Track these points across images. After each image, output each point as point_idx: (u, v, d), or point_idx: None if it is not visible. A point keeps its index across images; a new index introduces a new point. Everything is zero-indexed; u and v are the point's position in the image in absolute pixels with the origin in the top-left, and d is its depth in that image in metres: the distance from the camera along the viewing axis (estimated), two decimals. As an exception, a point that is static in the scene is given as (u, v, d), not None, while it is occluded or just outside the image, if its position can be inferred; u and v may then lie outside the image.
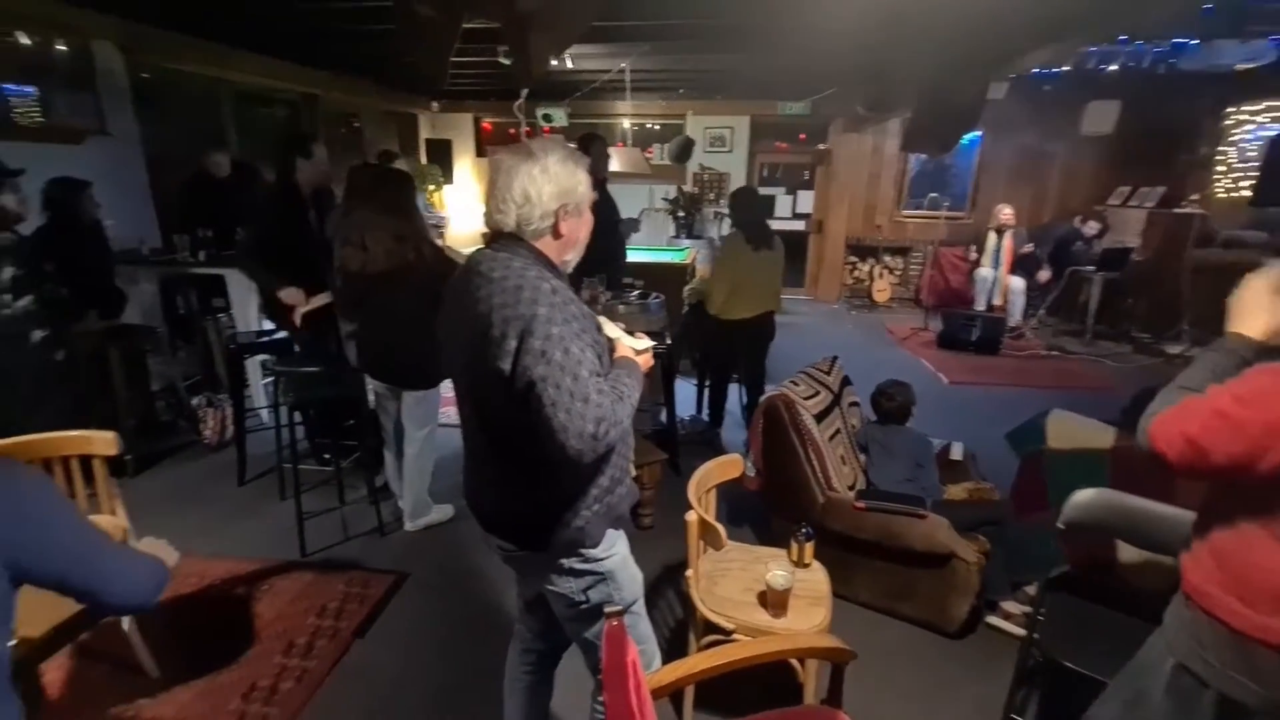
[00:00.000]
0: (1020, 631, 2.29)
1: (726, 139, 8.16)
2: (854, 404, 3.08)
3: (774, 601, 1.83)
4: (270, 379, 3.70)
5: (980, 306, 6.80)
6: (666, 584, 2.63)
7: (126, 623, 2.07)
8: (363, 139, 7.30)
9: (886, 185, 8.10)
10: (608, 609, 1.23)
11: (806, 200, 8.41)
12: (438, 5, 3.24)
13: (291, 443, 2.88)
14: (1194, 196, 6.66)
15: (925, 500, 2.42)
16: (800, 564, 2.04)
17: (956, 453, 3.05)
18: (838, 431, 2.78)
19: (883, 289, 8.14)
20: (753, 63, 5.30)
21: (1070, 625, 1.74)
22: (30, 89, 3.96)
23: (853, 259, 8.40)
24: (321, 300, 3.05)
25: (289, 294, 3.12)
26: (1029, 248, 6.75)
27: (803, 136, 8.34)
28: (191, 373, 4.32)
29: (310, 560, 2.78)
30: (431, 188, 7.90)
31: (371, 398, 3.04)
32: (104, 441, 2.01)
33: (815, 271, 8.56)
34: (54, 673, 2.09)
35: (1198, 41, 4.95)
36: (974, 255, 7.14)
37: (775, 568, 1.86)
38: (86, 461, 2.06)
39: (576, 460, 1.17)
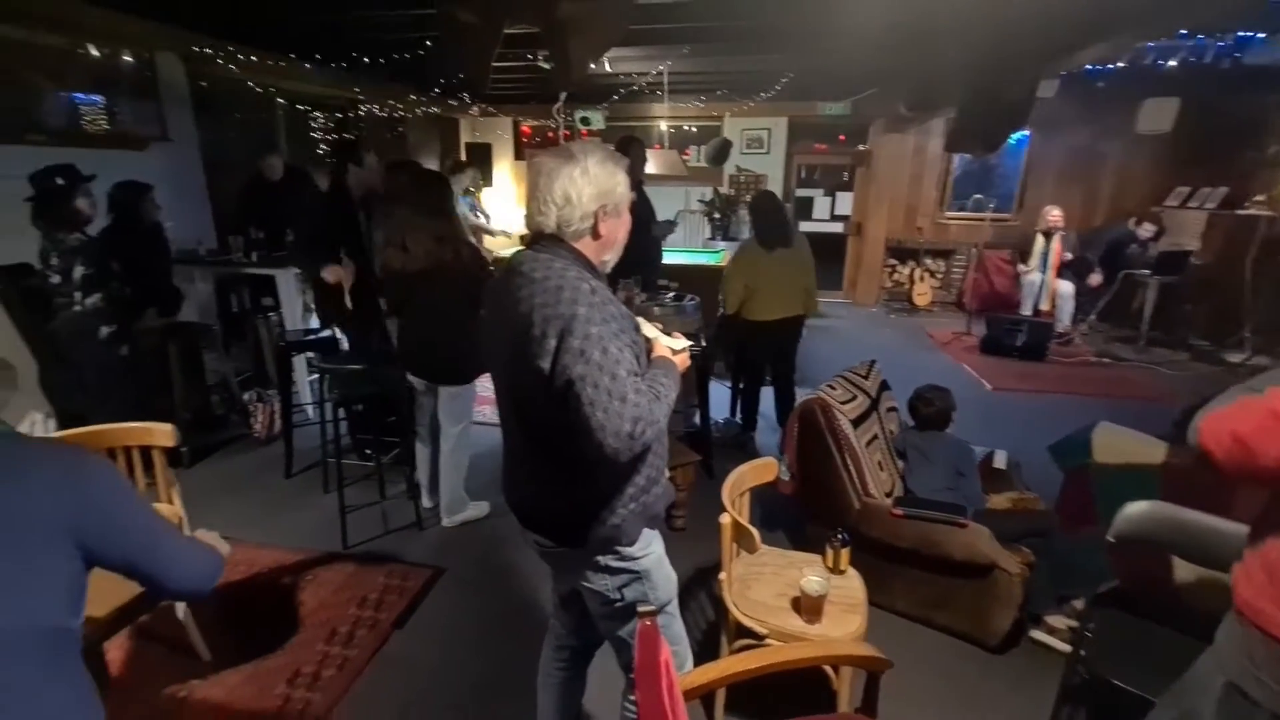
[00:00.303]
0: (1065, 647, 2.21)
1: (764, 140, 8.10)
2: (892, 409, 3.02)
3: (808, 607, 1.81)
4: (316, 376, 3.83)
5: (1026, 311, 6.59)
6: (699, 586, 2.63)
7: (181, 608, 2.16)
8: (407, 144, 7.49)
9: (929, 186, 7.92)
10: (641, 608, 1.23)
11: (845, 202, 8.28)
12: (479, 12, 3.32)
13: (335, 438, 2.98)
14: (1259, 197, 6.32)
15: (966, 509, 2.36)
16: (835, 570, 2.02)
17: (999, 461, 2.97)
18: (875, 437, 2.73)
19: (923, 292, 7.96)
20: (792, 63, 5.25)
21: (1118, 642, 1.67)
22: (98, 98, 4.18)
23: (892, 262, 8.24)
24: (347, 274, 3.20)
25: (331, 271, 3.28)
26: (1070, 255, 6.51)
27: (842, 138, 8.22)
28: (243, 369, 4.49)
29: (352, 552, 2.86)
30: (471, 188, 8.03)
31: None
32: (163, 433, 2.11)
33: (853, 274, 8.43)
34: (114, 652, 2.20)
35: (1264, 35, 4.70)
36: (1020, 259, 6.93)
37: (810, 573, 1.84)
38: (146, 452, 2.16)
39: (613, 459, 1.19)
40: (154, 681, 2.09)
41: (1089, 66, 5.68)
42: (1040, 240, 6.57)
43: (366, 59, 5.02)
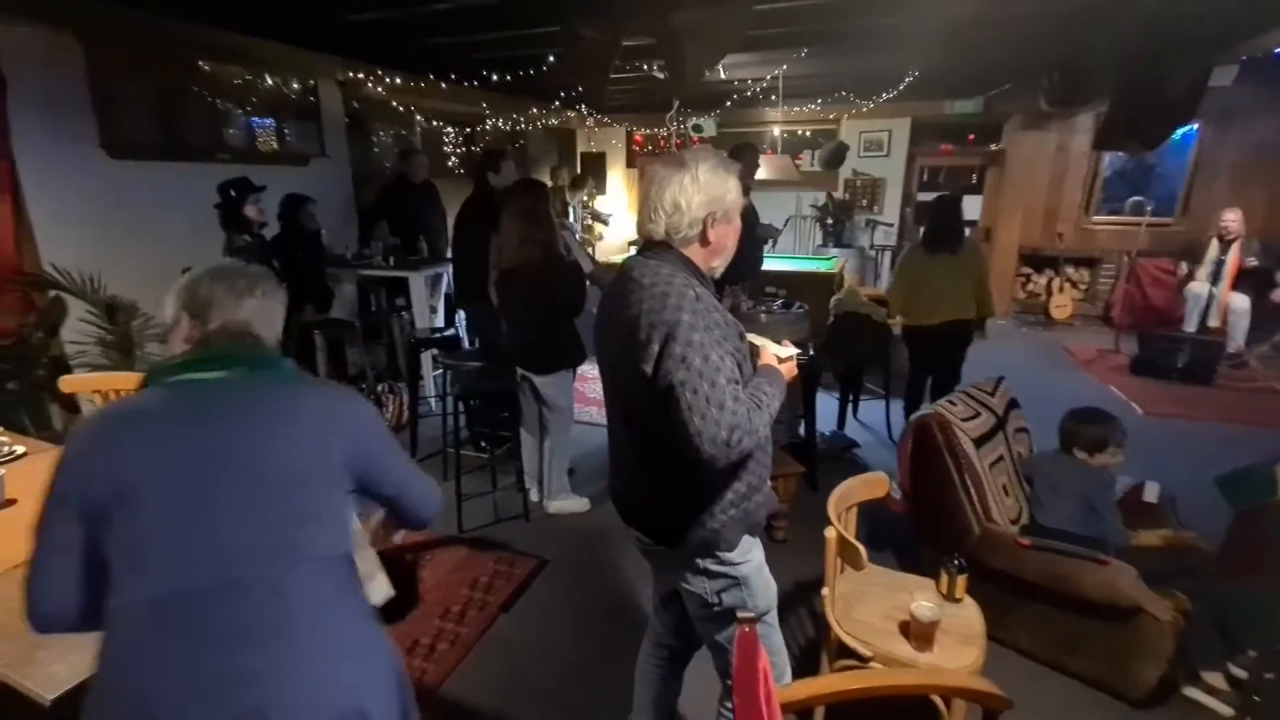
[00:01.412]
0: (1227, 710, 1.94)
1: (884, 143, 7.73)
2: (1021, 430, 2.79)
3: (918, 633, 1.72)
4: (440, 371, 4.13)
5: (1190, 328, 5.81)
6: (798, 601, 2.56)
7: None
8: (527, 155, 7.90)
9: (1072, 188, 7.21)
10: (741, 614, 1.23)
11: (973, 206, 7.72)
12: (599, 26, 3.44)
13: (455, 429, 3.19)
14: None
15: (1106, 544, 2.13)
16: (950, 597, 1.89)
17: (1151, 494, 2.64)
18: (1000, 459, 2.53)
19: (1063, 304, 7.22)
20: (918, 60, 4.99)
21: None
22: (269, 121, 4.76)
23: (1026, 270, 7.57)
24: None
25: None
26: (1255, 261, 5.64)
27: (971, 137, 7.68)
28: (378, 363, 4.93)
29: (466, 537, 3.05)
30: (585, 198, 8.32)
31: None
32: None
33: (980, 283, 7.84)
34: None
35: None
36: (1183, 268, 6.13)
37: (921, 598, 1.74)
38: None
39: (710, 464, 1.20)
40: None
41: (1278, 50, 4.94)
42: (1214, 247, 5.76)
43: (495, 76, 5.36)
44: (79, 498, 0.95)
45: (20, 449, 2.12)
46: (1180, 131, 5.93)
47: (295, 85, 4.76)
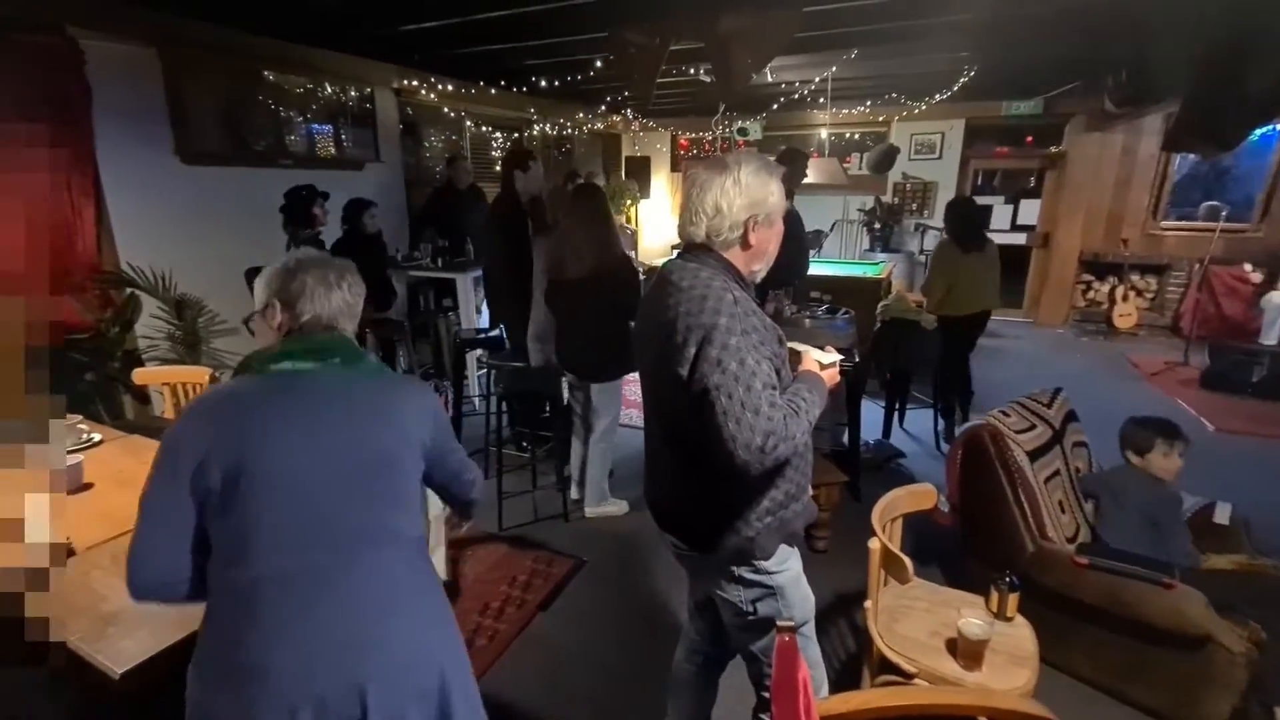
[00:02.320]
0: (1308, 752, 1.80)
1: (935, 145, 7.53)
2: (1080, 444, 2.66)
3: (966, 651, 1.65)
4: (484, 371, 4.21)
5: (1269, 340, 5.46)
6: (838, 614, 2.50)
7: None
8: (573, 160, 7.99)
9: (1138, 192, 6.86)
10: (780, 622, 1.21)
11: (1030, 210, 7.43)
12: (647, 31, 3.46)
13: (498, 428, 3.24)
14: None
15: (1172, 566, 2.01)
16: (1000, 616, 1.82)
17: (1222, 515, 2.49)
18: (1056, 473, 2.42)
19: (1127, 313, 6.87)
20: (976, 59, 4.83)
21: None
22: (328, 127, 4.95)
23: (1087, 277, 7.24)
24: None
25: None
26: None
27: (1030, 139, 7.40)
28: (425, 361, 5.06)
29: (505, 535, 3.09)
30: (628, 202, 8.37)
31: (566, 390, 3.33)
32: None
33: (1037, 290, 7.53)
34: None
35: None
36: (1260, 276, 5.76)
37: (970, 615, 1.68)
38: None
39: (744, 471, 1.18)
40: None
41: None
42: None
43: (543, 82, 5.44)
44: (189, 475, 1.03)
45: (97, 436, 2.26)
46: (1259, 132, 5.58)
47: (353, 93, 4.93)
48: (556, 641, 2.40)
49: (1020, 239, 7.44)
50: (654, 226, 9.16)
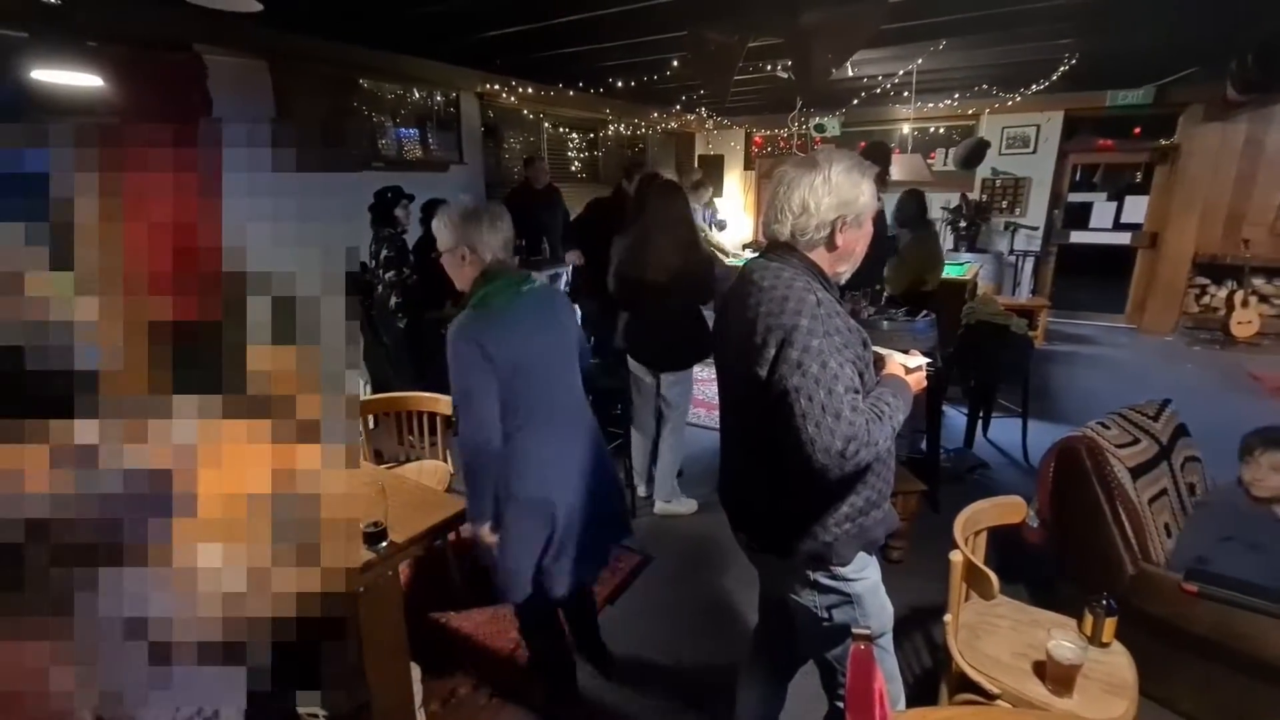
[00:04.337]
0: None
1: (1030, 139, 7.07)
2: (1192, 459, 2.45)
3: (1055, 676, 1.56)
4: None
5: None
6: (914, 627, 2.41)
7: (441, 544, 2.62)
8: (647, 159, 8.04)
9: (1265, 189, 6.20)
10: (857, 630, 1.18)
11: (1136, 208, 6.88)
12: (726, 29, 3.44)
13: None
14: None
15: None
16: (1095, 641, 1.71)
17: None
18: (1163, 492, 2.24)
19: (1247, 320, 6.23)
20: (1078, 46, 4.51)
21: None
22: (414, 131, 5.19)
23: (1202, 281, 6.62)
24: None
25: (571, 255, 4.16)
26: None
27: (1138, 130, 6.84)
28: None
29: (575, 528, 3.16)
30: (710, 192, 8.32)
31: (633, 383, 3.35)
32: (446, 403, 2.58)
33: (1141, 295, 6.96)
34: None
35: None
36: None
37: (1060, 637, 1.59)
38: (432, 417, 2.67)
39: (823, 475, 1.16)
40: (420, 607, 2.54)
41: None
42: None
43: (620, 83, 5.50)
44: (493, 363, 1.56)
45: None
46: None
47: (439, 98, 5.16)
48: (623, 636, 2.42)
49: (1124, 238, 6.90)
50: (731, 222, 9.06)
